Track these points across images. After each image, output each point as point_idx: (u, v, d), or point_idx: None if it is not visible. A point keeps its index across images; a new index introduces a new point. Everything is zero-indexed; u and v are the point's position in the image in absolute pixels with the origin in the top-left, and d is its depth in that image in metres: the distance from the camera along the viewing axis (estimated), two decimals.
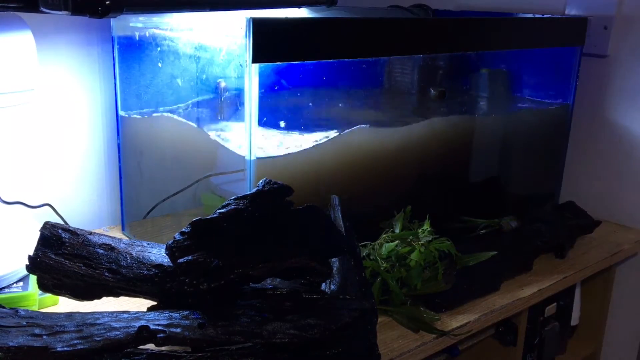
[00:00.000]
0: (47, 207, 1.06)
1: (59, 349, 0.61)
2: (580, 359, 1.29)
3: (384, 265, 0.89)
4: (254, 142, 0.84)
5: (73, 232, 0.75)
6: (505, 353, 1.07)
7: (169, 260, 0.71)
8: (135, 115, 1.07)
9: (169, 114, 1.02)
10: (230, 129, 0.92)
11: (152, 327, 0.64)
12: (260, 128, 0.85)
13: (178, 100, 1.01)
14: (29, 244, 0.75)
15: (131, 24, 1.02)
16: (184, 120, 0.99)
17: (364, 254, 0.91)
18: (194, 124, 0.98)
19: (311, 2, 1.09)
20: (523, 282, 1.02)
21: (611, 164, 1.32)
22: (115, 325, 0.65)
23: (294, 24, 0.85)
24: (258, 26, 0.78)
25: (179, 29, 0.95)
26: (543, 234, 1.10)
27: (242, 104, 0.82)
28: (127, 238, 0.87)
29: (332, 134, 0.98)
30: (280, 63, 0.86)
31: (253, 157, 0.84)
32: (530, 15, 1.25)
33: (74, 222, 1.07)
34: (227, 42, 0.86)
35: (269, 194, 0.74)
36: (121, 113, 1.09)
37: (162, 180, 1.05)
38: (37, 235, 0.73)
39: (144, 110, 1.06)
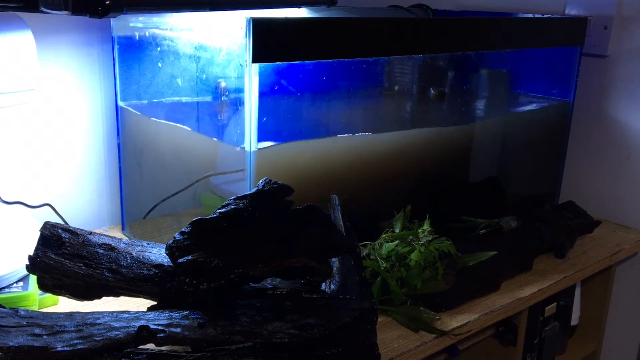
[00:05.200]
0: (47, 207, 1.06)
1: (59, 349, 0.61)
2: (580, 359, 1.29)
3: (384, 265, 0.89)
4: (253, 141, 0.84)
5: (73, 232, 0.75)
6: (505, 353, 1.07)
7: (169, 260, 0.71)
8: (135, 115, 1.07)
9: (169, 114, 1.02)
10: (230, 128, 0.92)
11: (152, 326, 0.64)
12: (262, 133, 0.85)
13: (178, 100, 1.01)
14: (29, 244, 0.75)
15: (131, 24, 1.02)
16: (184, 119, 0.99)
17: (364, 253, 0.91)
18: (193, 124, 0.98)
19: (311, 2, 1.09)
20: (523, 282, 1.02)
21: (611, 163, 1.32)
22: (115, 325, 0.65)
23: (294, 24, 0.85)
24: (258, 26, 0.78)
25: (179, 29, 0.95)
26: (543, 234, 1.10)
27: (242, 103, 0.82)
28: (127, 238, 0.87)
29: (332, 133, 0.98)
30: (280, 63, 0.86)
31: (253, 158, 0.84)
32: (530, 15, 1.25)
33: (74, 222, 1.08)
34: (227, 42, 0.86)
35: (269, 193, 0.74)
36: (121, 110, 1.09)
37: (162, 180, 1.05)
38: (37, 235, 0.73)
39: (144, 110, 1.06)
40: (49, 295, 0.86)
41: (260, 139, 0.84)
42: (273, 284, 0.76)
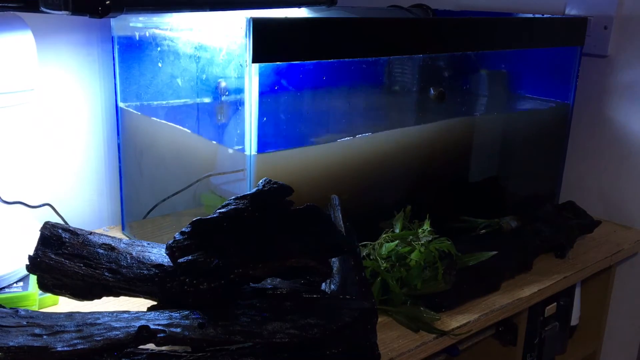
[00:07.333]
0: (47, 207, 1.06)
1: (59, 349, 0.61)
2: (580, 359, 1.29)
3: (384, 265, 0.89)
4: (253, 141, 0.84)
5: (73, 232, 0.75)
6: (505, 353, 1.07)
7: (169, 260, 0.71)
8: (135, 115, 1.07)
9: (169, 114, 1.02)
10: (230, 128, 0.92)
11: (152, 327, 0.64)
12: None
13: (178, 100, 1.01)
14: (29, 244, 0.75)
15: (131, 24, 1.02)
16: (184, 119, 0.99)
17: (364, 253, 0.91)
18: (193, 124, 0.98)
19: (311, 2, 1.09)
20: (523, 282, 1.02)
21: (611, 163, 1.32)
22: (116, 325, 0.65)
23: (294, 24, 0.85)
24: (258, 26, 0.78)
25: (179, 29, 0.95)
26: (543, 234, 1.10)
27: (242, 103, 0.82)
28: (127, 238, 0.87)
29: (332, 133, 0.98)
30: (280, 63, 0.86)
31: (253, 157, 0.84)
32: (530, 15, 1.25)
33: (74, 222, 1.08)
34: (227, 42, 0.86)
35: (269, 193, 0.74)
36: (121, 110, 1.09)
37: (162, 180, 1.05)
38: (37, 235, 0.73)
39: (144, 110, 1.06)
40: (49, 295, 0.86)
41: (261, 138, 0.84)
42: (273, 284, 0.76)
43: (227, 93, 0.90)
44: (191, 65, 0.94)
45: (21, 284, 0.87)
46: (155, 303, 0.73)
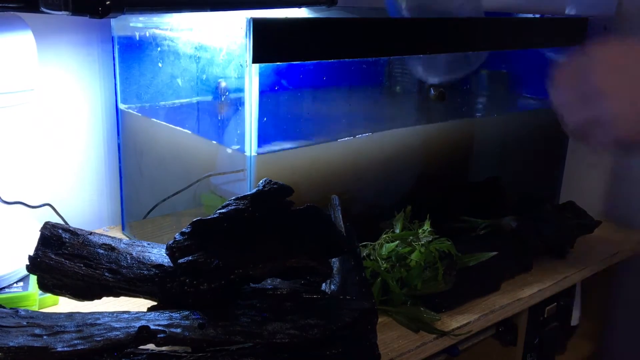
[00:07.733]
0: (47, 207, 1.06)
1: (59, 349, 0.61)
2: (580, 359, 1.29)
3: (384, 265, 0.89)
4: (254, 142, 0.84)
5: (73, 232, 0.75)
6: (505, 353, 1.07)
7: (169, 260, 0.71)
8: (135, 115, 1.07)
9: (169, 114, 1.02)
10: (230, 128, 0.92)
11: (152, 327, 0.64)
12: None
13: (178, 100, 1.01)
14: (29, 244, 0.75)
15: (131, 24, 1.02)
16: (184, 119, 0.99)
17: (364, 254, 0.91)
18: (194, 124, 0.98)
19: (311, 2, 1.09)
20: (523, 282, 1.02)
21: (611, 164, 1.32)
22: (116, 325, 0.65)
23: (294, 24, 0.85)
24: (258, 26, 0.78)
25: (179, 29, 0.95)
26: (543, 234, 1.10)
27: (242, 104, 0.82)
28: (127, 238, 0.87)
29: (332, 133, 0.97)
30: (280, 63, 0.86)
31: (253, 157, 0.84)
32: (530, 15, 1.25)
33: (74, 222, 1.07)
34: (227, 42, 0.86)
35: (269, 194, 0.74)
36: (121, 111, 1.09)
37: (162, 180, 1.05)
38: (37, 235, 0.73)
39: (144, 110, 1.06)
40: (49, 295, 0.86)
41: (261, 138, 0.85)
42: (273, 284, 0.76)
43: (227, 93, 0.90)
44: (191, 66, 0.94)
45: (21, 284, 0.87)
46: (155, 303, 0.73)
